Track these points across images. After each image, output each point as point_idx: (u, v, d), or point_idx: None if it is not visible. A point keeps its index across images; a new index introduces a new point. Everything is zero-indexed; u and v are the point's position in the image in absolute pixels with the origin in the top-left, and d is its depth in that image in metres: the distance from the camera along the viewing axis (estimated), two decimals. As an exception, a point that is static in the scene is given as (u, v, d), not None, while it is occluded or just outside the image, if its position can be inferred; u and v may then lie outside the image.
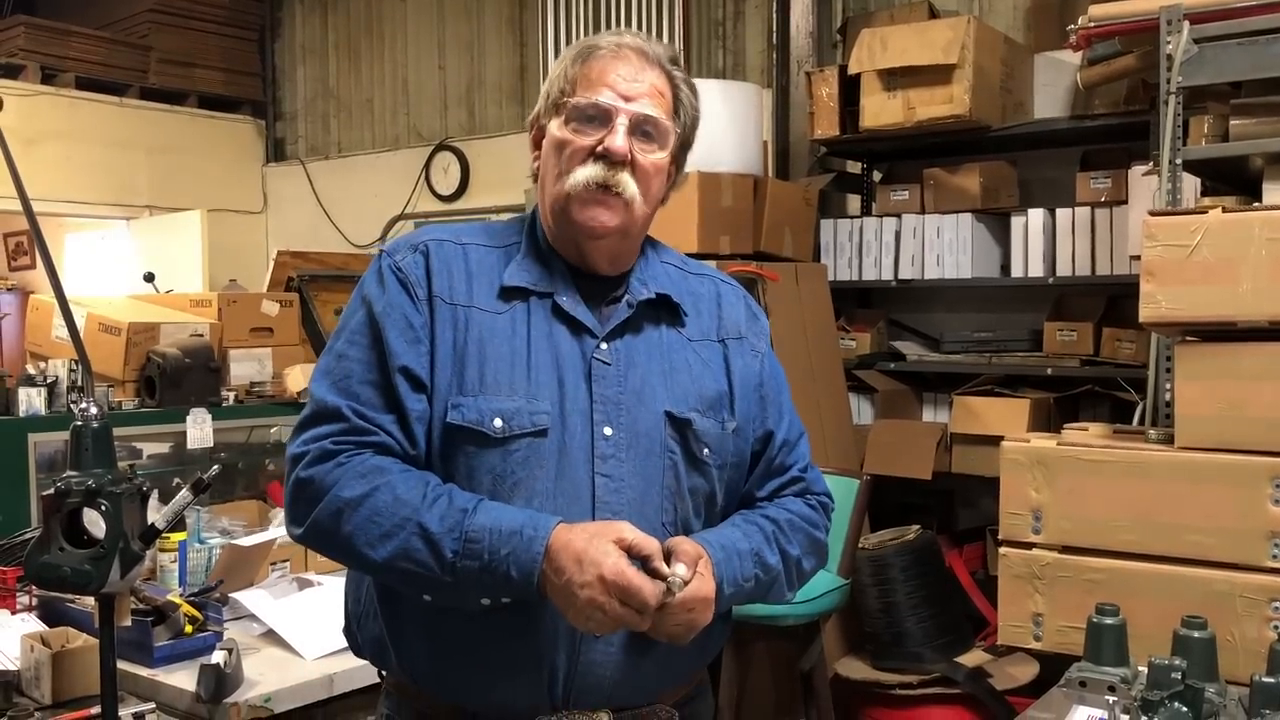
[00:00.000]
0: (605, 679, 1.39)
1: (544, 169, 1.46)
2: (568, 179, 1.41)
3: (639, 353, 1.44)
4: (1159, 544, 2.57)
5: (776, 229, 4.20)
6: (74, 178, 6.92)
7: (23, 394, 3.46)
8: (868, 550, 3.67)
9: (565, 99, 1.43)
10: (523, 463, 1.36)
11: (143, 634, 2.14)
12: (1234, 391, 2.49)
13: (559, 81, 1.45)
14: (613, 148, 1.40)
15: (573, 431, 1.38)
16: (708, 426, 1.45)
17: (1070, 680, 1.88)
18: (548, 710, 1.38)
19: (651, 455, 1.41)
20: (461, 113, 6.88)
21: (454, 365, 1.38)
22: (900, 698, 3.56)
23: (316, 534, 1.36)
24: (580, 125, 1.41)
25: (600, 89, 1.41)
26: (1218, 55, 2.84)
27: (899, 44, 4.13)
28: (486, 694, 1.38)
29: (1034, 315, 4.37)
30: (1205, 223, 2.49)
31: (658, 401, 1.43)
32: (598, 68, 1.43)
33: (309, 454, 1.35)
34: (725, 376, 1.50)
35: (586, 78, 1.42)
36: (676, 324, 1.49)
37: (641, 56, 1.44)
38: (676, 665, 1.45)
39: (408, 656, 1.41)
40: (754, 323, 1.58)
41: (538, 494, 1.36)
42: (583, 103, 1.41)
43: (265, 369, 4.13)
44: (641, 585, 1.24)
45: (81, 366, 1.95)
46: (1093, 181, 4.15)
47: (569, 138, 1.41)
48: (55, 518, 1.72)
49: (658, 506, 1.41)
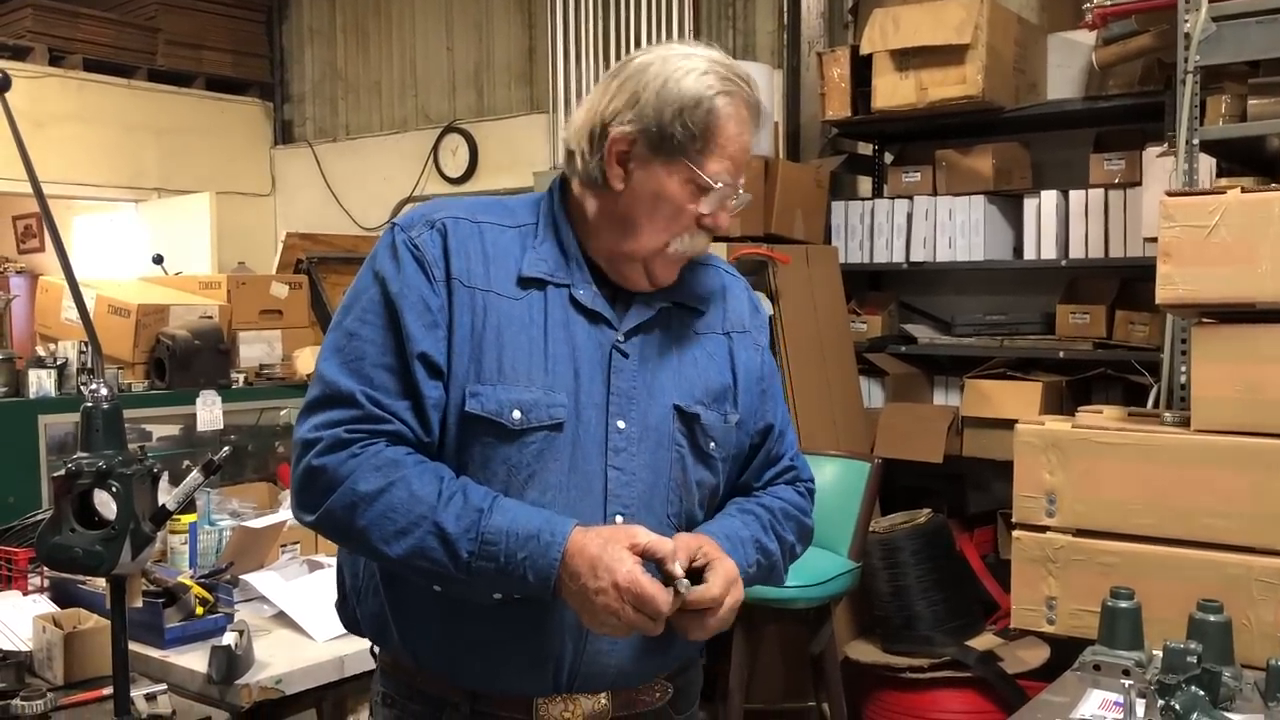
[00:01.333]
0: (610, 666, 1.40)
1: (634, 207, 1.39)
2: (675, 243, 1.40)
3: (652, 346, 1.44)
4: (1174, 527, 2.56)
5: (787, 211, 4.17)
6: (82, 160, 6.91)
7: (33, 376, 3.46)
8: (878, 534, 3.66)
9: (692, 157, 1.37)
10: (538, 455, 1.35)
11: (154, 615, 2.14)
12: (1251, 374, 2.47)
13: (678, 128, 1.36)
14: (722, 228, 1.42)
15: (587, 424, 1.38)
16: (713, 420, 1.46)
17: (1084, 664, 1.87)
18: (549, 693, 1.39)
19: (660, 448, 1.41)
20: (470, 94, 6.85)
21: (472, 351, 1.36)
22: (911, 681, 3.56)
23: (330, 524, 1.34)
24: (697, 189, 1.39)
25: (728, 165, 1.39)
26: (1236, 34, 2.80)
27: (911, 24, 4.09)
28: (491, 679, 1.39)
29: (1046, 298, 4.34)
30: (1224, 203, 2.47)
31: (667, 395, 1.43)
32: (729, 137, 1.38)
33: (321, 441, 1.32)
34: (730, 370, 1.51)
35: (720, 148, 1.38)
36: (689, 319, 1.49)
37: (754, 119, 1.42)
38: (678, 647, 1.46)
39: (410, 637, 1.41)
40: (756, 316, 1.59)
41: (551, 486, 1.36)
42: (718, 179, 1.38)
43: (275, 351, 4.13)
44: (655, 594, 1.24)
45: (91, 348, 1.94)
46: (1106, 163, 4.12)
47: (689, 205, 1.39)
48: (66, 499, 1.72)
49: (664, 499, 1.42)
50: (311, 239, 5.04)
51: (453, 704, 1.41)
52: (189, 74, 7.47)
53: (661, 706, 1.48)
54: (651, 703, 1.46)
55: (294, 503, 1.37)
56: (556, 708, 1.39)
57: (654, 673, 1.46)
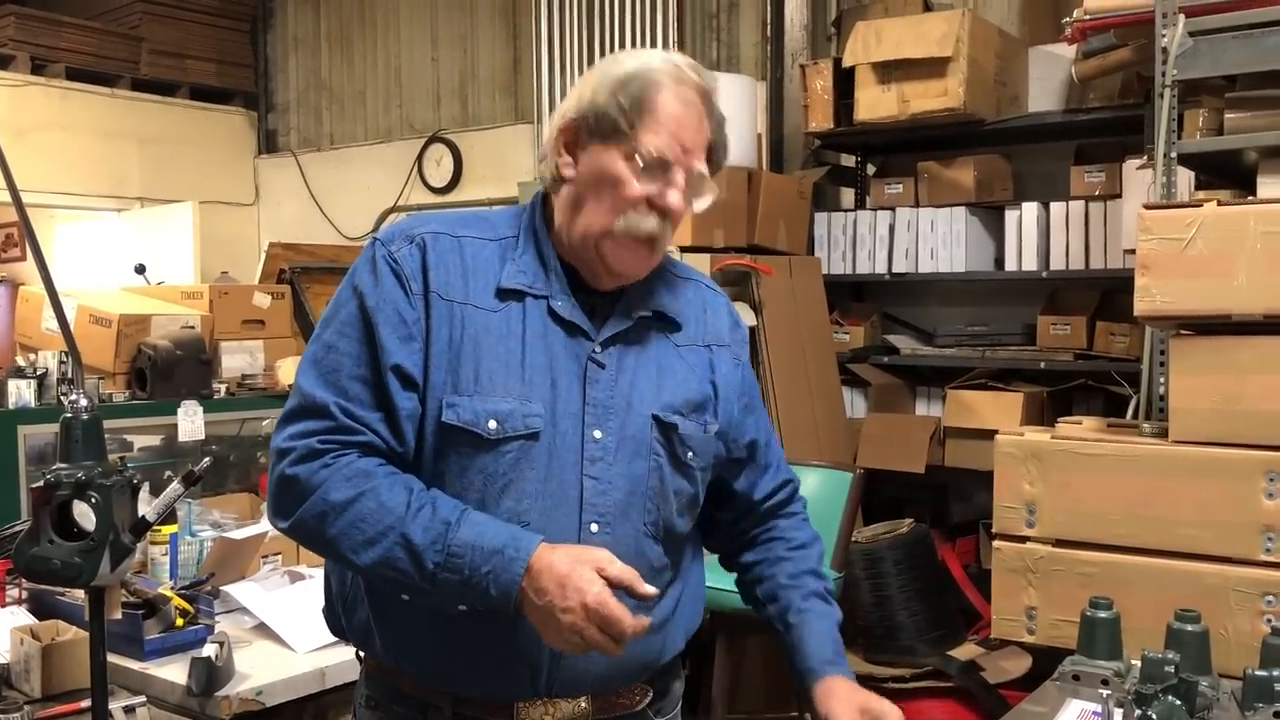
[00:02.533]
0: (587, 672, 1.41)
1: (582, 191, 1.42)
2: (620, 220, 1.39)
3: (630, 357, 1.45)
4: (1152, 538, 2.57)
5: (770, 222, 4.19)
6: (65, 169, 6.88)
7: (12, 386, 3.44)
8: (861, 544, 3.67)
9: (626, 132, 1.38)
10: (513, 464, 1.37)
11: (133, 627, 2.13)
12: (1229, 385, 2.48)
13: (613, 98, 1.39)
14: (674, 206, 1.40)
15: (563, 434, 1.39)
16: (692, 430, 1.47)
17: (1064, 674, 1.87)
18: (530, 697, 1.40)
19: (638, 458, 1.43)
20: (455, 105, 6.86)
21: (449, 363, 1.37)
22: (893, 691, 3.56)
23: (302, 532, 1.37)
24: (640, 169, 1.39)
25: (666, 139, 1.38)
26: (1213, 48, 2.83)
27: (893, 37, 4.12)
28: (472, 683, 1.40)
29: (1027, 309, 4.37)
30: (1200, 216, 2.49)
31: (645, 405, 1.44)
32: (665, 112, 1.39)
33: (295, 451, 1.35)
34: (710, 382, 1.52)
35: (653, 119, 1.38)
36: (669, 331, 1.50)
37: (704, 103, 1.42)
38: (655, 651, 1.48)
39: (393, 642, 1.42)
40: (736, 331, 1.61)
41: (527, 495, 1.37)
42: (652, 155, 1.38)
43: (257, 361, 4.11)
44: (622, 617, 1.25)
45: (72, 358, 1.94)
46: (1087, 175, 4.16)
47: (628, 179, 1.39)
48: (45, 510, 1.71)
49: (641, 508, 1.43)
50: (295, 249, 5.03)
51: (435, 707, 1.42)
52: (173, 83, 7.45)
53: (642, 709, 1.49)
54: (631, 705, 1.48)
55: (269, 509, 1.41)
56: (537, 711, 1.41)
57: (634, 677, 1.47)
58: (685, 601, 1.53)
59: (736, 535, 1.64)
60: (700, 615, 1.58)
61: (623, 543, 1.39)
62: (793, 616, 1.57)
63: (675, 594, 1.50)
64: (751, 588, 1.63)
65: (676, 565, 1.50)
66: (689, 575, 1.54)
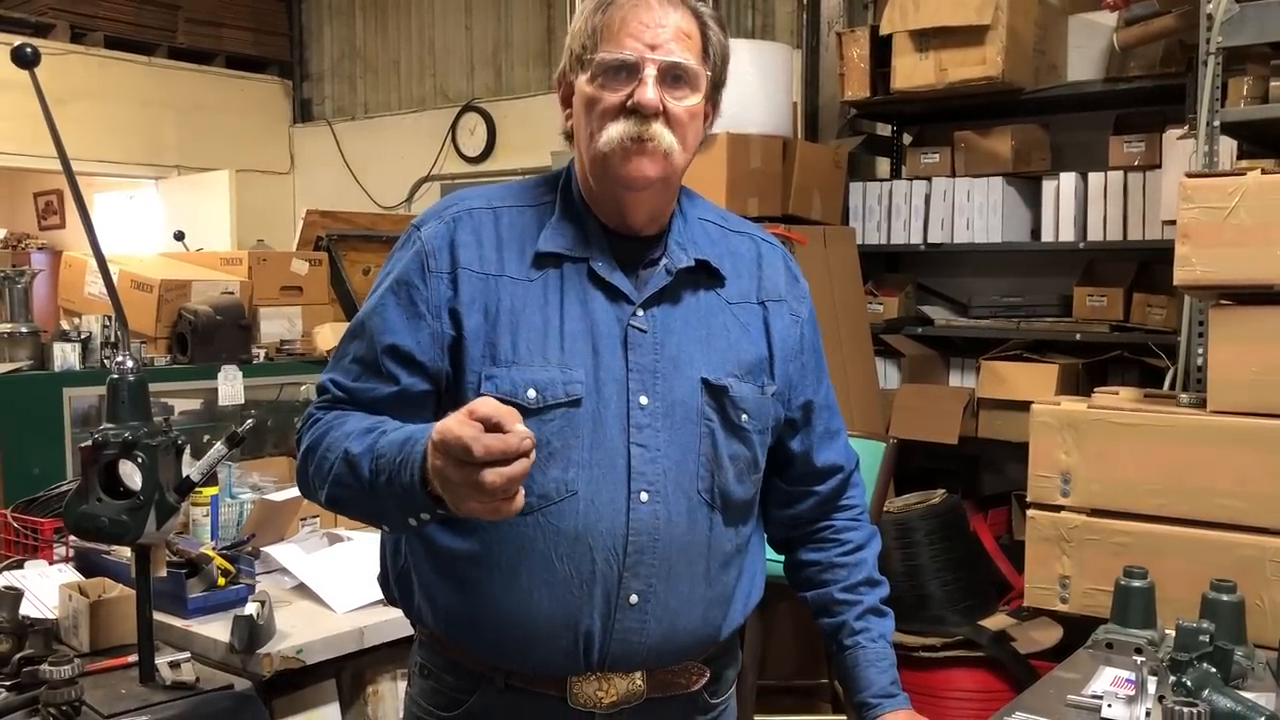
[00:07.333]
0: (641, 645, 1.38)
1: (577, 128, 1.42)
2: (601, 137, 1.36)
3: (676, 319, 1.41)
4: (1188, 508, 2.56)
5: (805, 191, 4.17)
6: (103, 137, 6.95)
7: (57, 349, 3.50)
8: (892, 514, 3.67)
9: (589, 54, 1.37)
10: (558, 432, 1.34)
11: (177, 585, 2.17)
12: (1269, 355, 2.46)
13: (580, 35, 1.39)
14: (643, 101, 1.34)
15: (607, 401, 1.36)
16: (746, 392, 1.43)
17: (1097, 641, 1.88)
18: (583, 671, 1.38)
19: (688, 423, 1.39)
20: (488, 74, 6.86)
21: (486, 336, 1.36)
22: (923, 660, 3.57)
23: (305, 488, 1.42)
24: (607, 80, 1.36)
25: (624, 40, 1.35)
26: (1260, 15, 2.79)
27: (932, 4, 4.07)
28: (523, 657, 1.39)
29: (1064, 280, 4.33)
30: (1243, 185, 2.46)
31: (694, 368, 1.40)
32: (619, 17, 1.36)
33: (307, 419, 1.42)
34: (765, 340, 1.47)
35: (609, 29, 1.36)
36: (716, 286, 1.45)
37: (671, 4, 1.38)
38: (712, 625, 1.45)
39: (444, 616, 1.42)
40: (794, 285, 1.53)
41: (574, 463, 1.35)
42: (607, 58, 1.35)
43: (295, 327, 4.15)
44: (460, 431, 1.12)
45: (117, 320, 1.97)
46: (1126, 145, 4.10)
47: (597, 94, 1.36)
48: (93, 469, 1.75)
49: (694, 475, 1.39)
50: (332, 216, 5.06)
51: (488, 679, 1.42)
52: (209, 52, 7.49)
53: (697, 690, 1.47)
54: (687, 686, 1.45)
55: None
56: (590, 686, 1.39)
57: (691, 652, 1.44)
58: (746, 575, 1.49)
59: (792, 524, 1.59)
60: (761, 590, 1.53)
61: (675, 511, 1.37)
62: (846, 638, 1.56)
63: (737, 567, 1.46)
64: (803, 588, 1.60)
65: (738, 537, 1.46)
66: (750, 548, 1.50)
